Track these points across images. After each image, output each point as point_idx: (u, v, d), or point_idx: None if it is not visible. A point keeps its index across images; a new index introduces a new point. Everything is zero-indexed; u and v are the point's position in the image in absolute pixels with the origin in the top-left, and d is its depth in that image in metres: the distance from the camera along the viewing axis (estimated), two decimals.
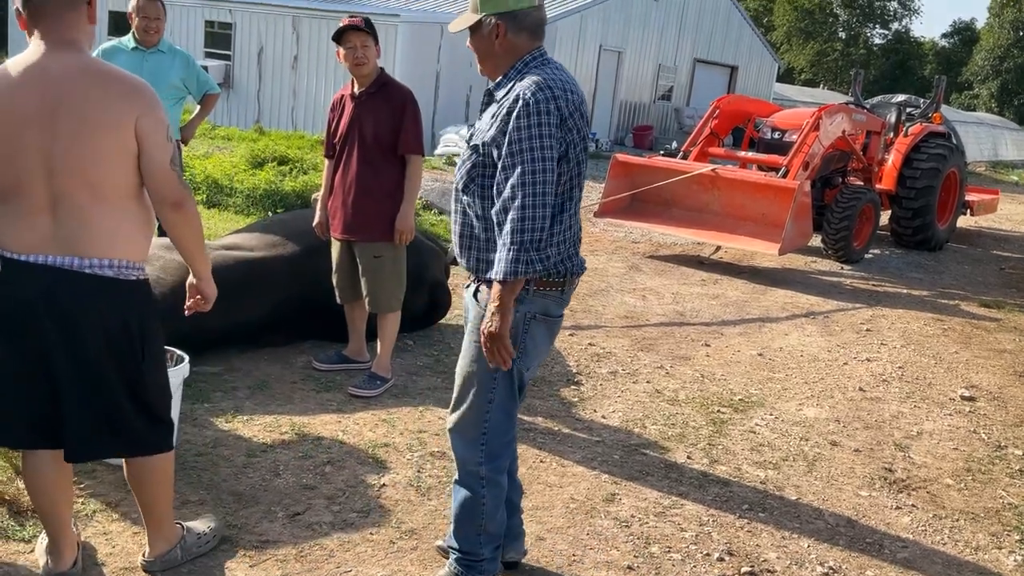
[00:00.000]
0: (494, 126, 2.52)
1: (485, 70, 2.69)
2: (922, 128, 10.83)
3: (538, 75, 2.52)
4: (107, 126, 2.38)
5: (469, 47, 2.67)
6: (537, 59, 2.60)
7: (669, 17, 22.67)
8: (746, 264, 9.04)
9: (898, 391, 5.45)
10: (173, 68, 5.36)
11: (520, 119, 2.45)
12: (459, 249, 2.70)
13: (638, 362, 5.53)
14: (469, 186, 2.61)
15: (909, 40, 56.91)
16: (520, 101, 2.46)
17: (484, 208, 2.58)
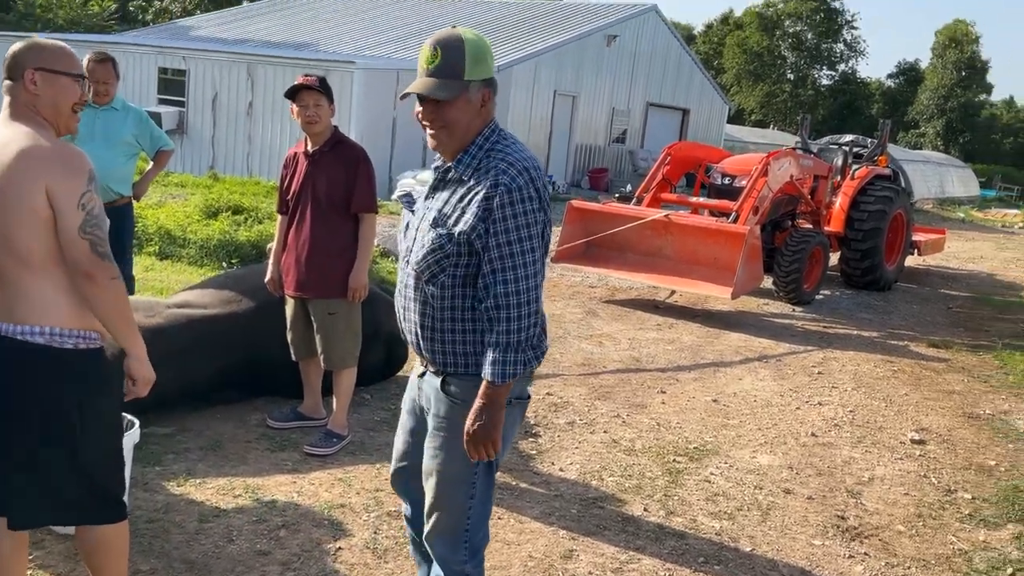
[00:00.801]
0: (470, 214, 2.33)
1: (449, 145, 2.41)
2: (868, 171, 11.11)
3: (509, 155, 2.37)
4: (21, 194, 2.39)
5: (427, 118, 2.39)
6: (496, 131, 2.44)
7: (622, 62, 23.10)
8: (700, 308, 9.16)
9: (849, 435, 5.53)
10: (126, 125, 5.35)
11: (506, 209, 2.30)
12: (420, 340, 2.49)
13: (595, 411, 5.56)
14: (438, 277, 2.40)
15: (856, 81, 58.41)
16: (503, 188, 2.30)
17: (457, 299, 2.41)
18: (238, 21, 28.06)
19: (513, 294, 2.32)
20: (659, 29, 24.42)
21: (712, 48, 60.17)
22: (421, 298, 2.46)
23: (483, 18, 24.75)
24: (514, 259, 2.32)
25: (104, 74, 5.25)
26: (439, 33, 2.40)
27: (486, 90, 2.40)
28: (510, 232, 2.31)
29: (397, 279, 2.60)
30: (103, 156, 5.28)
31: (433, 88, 2.36)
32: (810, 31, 55.01)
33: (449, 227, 2.37)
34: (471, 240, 2.34)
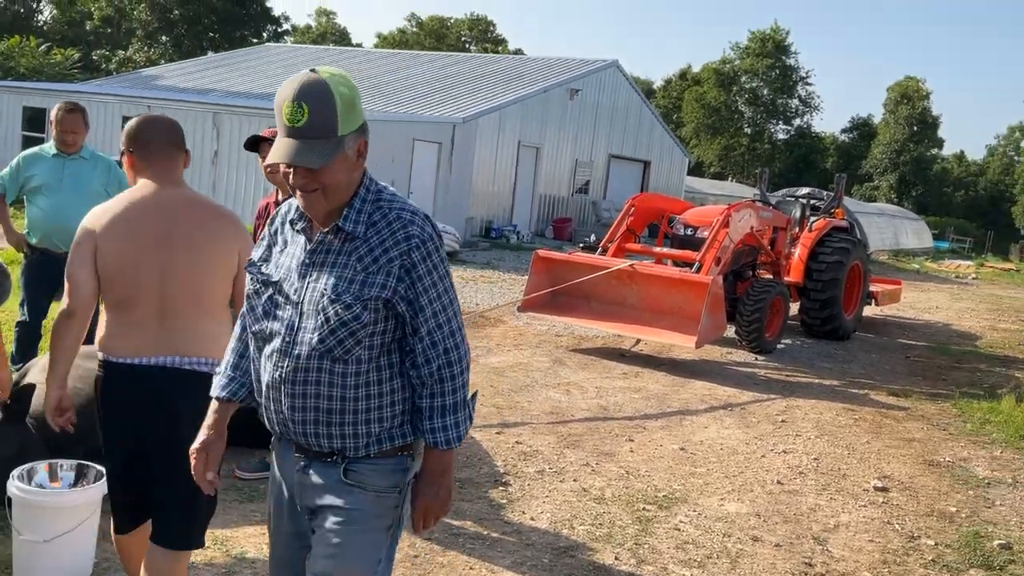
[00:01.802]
0: (384, 275, 2.09)
1: (326, 207, 2.11)
2: (826, 223, 11.39)
3: (404, 204, 2.17)
4: (221, 252, 2.91)
5: (299, 184, 2.08)
6: (373, 180, 2.21)
7: (584, 115, 23.50)
8: (665, 356, 9.25)
9: (814, 483, 5.61)
10: (95, 174, 5.35)
11: (427, 263, 2.12)
12: (316, 428, 2.17)
13: (564, 460, 5.59)
14: (353, 351, 2.11)
15: (811, 135, 59.90)
16: (417, 241, 2.10)
17: (373, 372, 2.15)
18: (203, 71, 28.16)
19: (453, 350, 2.17)
20: (620, 84, 24.93)
21: (671, 102, 61.45)
22: (327, 380, 2.14)
23: (448, 71, 25.10)
24: (447, 314, 2.16)
25: (73, 124, 5.27)
26: (300, 83, 2.03)
27: (361, 139, 2.13)
28: (437, 286, 2.14)
29: (261, 369, 2.23)
30: (71, 205, 5.28)
31: (304, 155, 2.03)
32: (766, 87, 56.45)
33: (359, 294, 2.09)
34: (392, 304, 2.10)
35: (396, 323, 2.15)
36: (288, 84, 2.05)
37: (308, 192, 2.08)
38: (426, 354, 2.15)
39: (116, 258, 2.83)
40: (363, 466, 2.19)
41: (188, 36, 44.26)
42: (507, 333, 9.64)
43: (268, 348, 2.20)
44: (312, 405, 2.16)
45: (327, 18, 67.13)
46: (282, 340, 2.16)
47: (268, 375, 2.21)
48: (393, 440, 2.20)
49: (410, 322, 2.14)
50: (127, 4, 44.26)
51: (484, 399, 6.82)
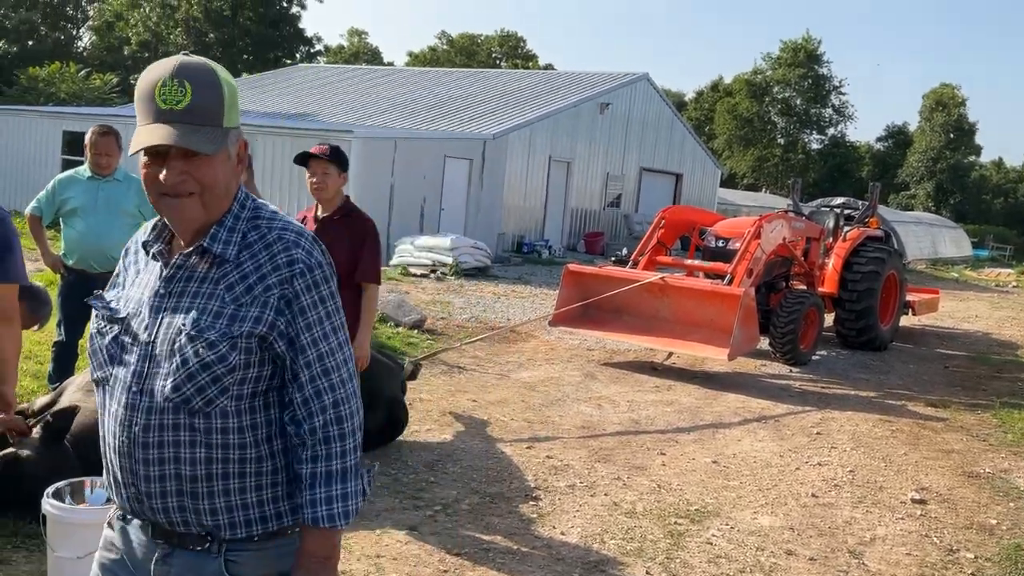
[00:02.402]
0: (259, 306, 1.71)
1: (201, 217, 1.74)
2: (860, 232, 11.27)
3: (287, 223, 1.81)
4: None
5: (174, 179, 1.69)
6: (248, 195, 1.84)
7: (615, 129, 23.51)
8: (698, 369, 9.19)
9: (850, 496, 5.54)
10: (128, 196, 5.46)
11: (313, 294, 1.75)
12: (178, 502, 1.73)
13: (595, 474, 5.57)
14: (216, 402, 1.71)
15: (845, 144, 59.32)
16: (302, 266, 1.74)
17: (247, 430, 1.74)
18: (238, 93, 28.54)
19: (343, 403, 1.76)
20: (651, 96, 24.91)
21: (703, 114, 61.22)
22: (186, 439, 1.72)
23: (479, 87, 25.25)
24: (335, 358, 1.77)
25: (106, 146, 5.39)
26: (179, 62, 1.70)
27: (242, 140, 1.81)
28: (324, 324, 1.75)
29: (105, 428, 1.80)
30: (105, 226, 5.39)
31: (190, 136, 1.66)
32: (799, 97, 56.05)
33: (227, 330, 1.70)
34: (269, 343, 1.72)
35: (274, 368, 1.75)
36: (160, 64, 1.70)
37: (181, 196, 1.70)
38: (308, 406, 1.74)
39: None
40: (247, 555, 1.76)
41: (223, 59, 44.95)
42: (538, 348, 9.64)
43: (112, 401, 1.78)
44: (172, 472, 1.71)
45: (359, 38, 67.86)
46: (129, 391, 1.74)
47: (113, 436, 1.77)
48: (282, 518, 1.79)
49: (290, 366, 1.75)
50: (163, 29, 45.10)
51: (515, 413, 6.82)
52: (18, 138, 20.30)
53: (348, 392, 1.78)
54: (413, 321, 9.72)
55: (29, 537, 3.77)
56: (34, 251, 5.78)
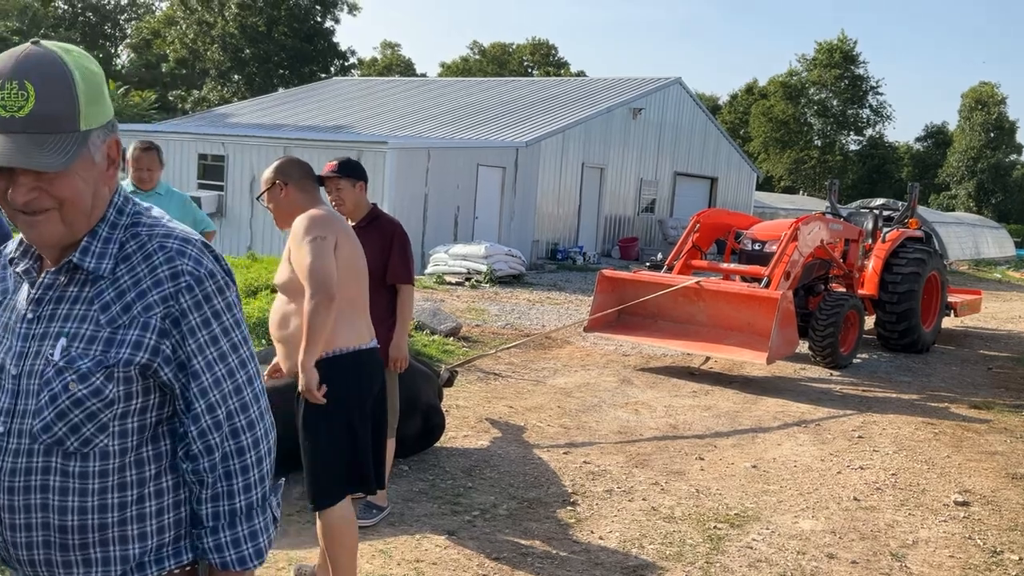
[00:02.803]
0: (138, 329, 1.48)
1: (66, 234, 1.50)
2: (899, 233, 11.13)
3: (170, 228, 1.57)
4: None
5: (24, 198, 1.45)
6: (128, 200, 1.60)
7: (648, 134, 23.45)
8: (736, 373, 9.13)
9: (892, 499, 5.47)
10: (169, 209, 5.55)
11: (203, 310, 1.52)
12: (48, 552, 1.51)
13: (633, 479, 5.56)
14: (94, 441, 1.49)
15: (884, 145, 58.56)
16: (189, 279, 1.51)
17: (131, 469, 1.52)
18: (274, 107, 28.94)
19: (244, 431, 1.55)
20: (684, 101, 24.82)
21: (738, 117, 60.81)
22: (58, 485, 1.49)
23: (511, 95, 25.33)
24: (234, 380, 1.55)
25: (149, 161, 5.50)
26: (19, 56, 1.42)
27: (111, 138, 1.53)
28: (220, 343, 1.54)
29: None
30: None
31: (32, 154, 1.40)
32: (835, 98, 55.47)
33: (102, 358, 1.47)
34: (153, 371, 1.50)
35: (163, 396, 1.54)
36: (2, 58, 1.43)
37: (37, 213, 1.45)
38: (205, 439, 1.53)
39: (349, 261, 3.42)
40: None
41: (259, 74, 45.57)
42: (573, 354, 9.64)
43: None
44: (40, 521, 1.49)
45: (392, 50, 68.39)
46: None
47: None
48: (164, 563, 1.57)
49: (181, 394, 1.53)
50: (200, 46, 45.82)
51: (551, 419, 6.83)
52: None
53: (252, 417, 1.56)
54: (449, 329, 9.77)
55: None
56: None
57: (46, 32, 41.68)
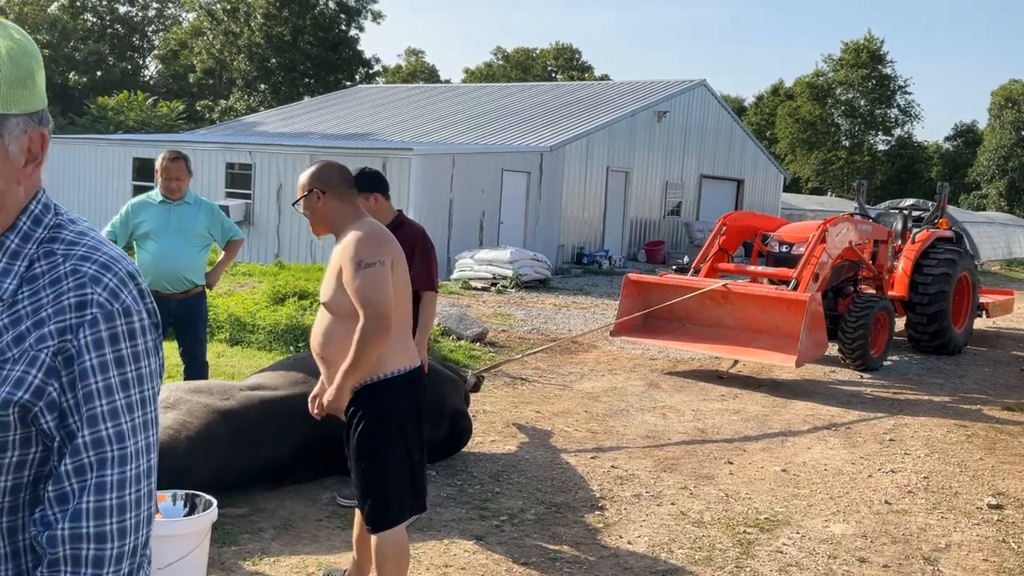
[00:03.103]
0: (26, 364, 1.22)
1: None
2: (929, 234, 11.00)
3: (94, 247, 1.30)
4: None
5: None
6: (52, 207, 1.33)
7: (673, 136, 23.38)
8: (765, 377, 9.07)
9: (924, 502, 5.41)
10: (198, 218, 5.63)
11: (104, 351, 1.24)
12: None
13: (662, 483, 5.53)
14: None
15: (913, 145, 57.96)
16: (97, 312, 1.24)
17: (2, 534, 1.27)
18: (300, 116, 29.17)
19: (112, 513, 1.23)
20: (709, 103, 24.73)
21: (764, 119, 60.46)
22: None
23: (535, 100, 25.35)
24: (120, 446, 1.24)
25: (177, 171, 5.57)
26: None
27: (36, 131, 1.28)
28: (113, 395, 1.24)
29: None
30: (178, 248, 5.57)
31: None
32: (862, 98, 55.01)
33: None
34: (34, 416, 1.23)
35: (47, 451, 1.26)
36: None
37: None
38: (64, 505, 1.22)
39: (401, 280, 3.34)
40: None
41: (285, 83, 45.95)
42: (600, 358, 9.62)
43: None
44: None
45: (416, 57, 68.72)
46: None
47: None
48: None
49: (57, 449, 1.24)
50: (227, 56, 46.28)
51: (578, 424, 6.82)
52: (90, 166, 21.03)
53: (128, 498, 1.24)
54: (475, 334, 9.79)
55: None
56: None
57: (76, 44, 42.33)
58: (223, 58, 46.62)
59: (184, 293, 5.64)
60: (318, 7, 46.07)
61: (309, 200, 3.42)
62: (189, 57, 48.35)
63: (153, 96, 38.40)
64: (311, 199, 3.42)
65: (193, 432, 4.42)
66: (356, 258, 3.18)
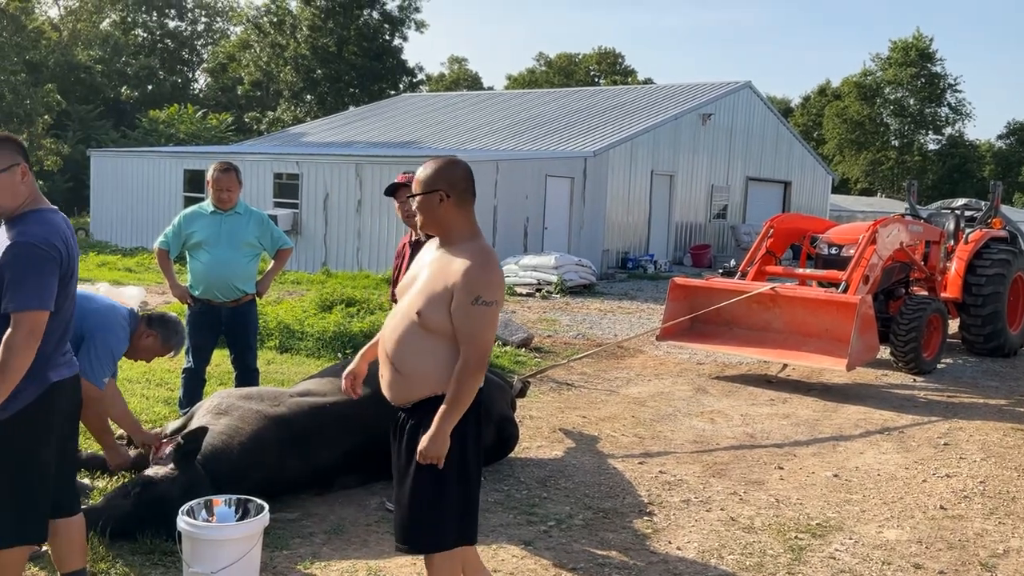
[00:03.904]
0: None
1: None
2: (982, 234, 10.77)
3: None
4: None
5: None
6: None
7: (718, 139, 23.20)
8: (815, 381, 8.95)
9: (981, 507, 5.29)
10: (248, 228, 5.73)
11: None
12: None
13: (711, 489, 5.49)
14: None
15: (964, 144, 56.80)
16: None
17: None
18: (345, 125, 29.49)
19: None
20: (754, 104, 24.50)
21: (811, 120, 59.72)
22: None
23: (578, 105, 25.33)
24: None
25: (228, 182, 5.67)
26: None
27: None
28: None
29: None
30: (229, 257, 5.67)
31: None
32: (912, 97, 54.07)
33: None
34: None
35: None
36: None
37: None
38: None
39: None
40: None
41: (331, 93, 46.44)
42: (646, 363, 9.57)
43: None
44: None
45: (459, 65, 69.08)
46: None
47: None
48: None
49: None
50: (274, 68, 46.93)
51: (625, 429, 6.79)
52: (142, 178, 21.48)
53: None
54: (520, 340, 9.80)
55: (166, 554, 3.97)
56: (162, 283, 6.11)
57: (127, 60, 43.26)
58: (270, 70, 47.30)
59: (235, 302, 5.73)
60: (362, 18, 46.53)
61: (430, 200, 3.08)
62: (237, 70, 49.15)
63: (203, 109, 39.09)
64: (432, 199, 3.09)
65: (245, 438, 4.50)
66: (475, 292, 2.96)
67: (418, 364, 3.08)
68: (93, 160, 22.89)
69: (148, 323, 4.63)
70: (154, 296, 12.37)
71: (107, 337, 4.31)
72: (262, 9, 48.02)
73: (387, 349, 3.16)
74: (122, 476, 4.87)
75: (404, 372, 3.11)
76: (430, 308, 3.03)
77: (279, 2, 47.15)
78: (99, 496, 4.50)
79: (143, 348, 4.65)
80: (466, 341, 2.98)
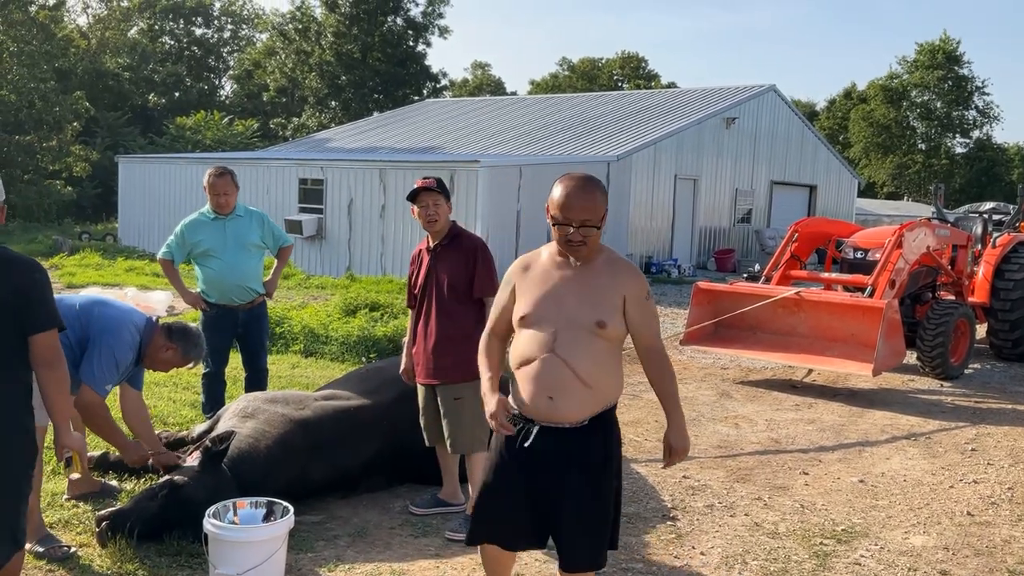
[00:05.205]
0: None
1: None
2: (1011, 238, 10.65)
3: None
4: None
5: None
6: None
7: (742, 143, 23.09)
8: (841, 386, 8.88)
9: (1009, 513, 5.23)
10: (252, 229, 5.82)
11: None
12: None
13: (735, 494, 5.46)
14: None
15: (992, 147, 56.11)
16: None
17: None
18: (370, 131, 29.64)
19: None
20: (779, 108, 24.36)
21: (836, 123, 59.28)
22: None
23: (601, 110, 25.32)
24: None
25: (224, 186, 5.75)
26: None
27: None
28: None
29: None
30: (239, 261, 5.74)
31: None
32: (939, 100, 53.53)
33: None
34: None
35: None
36: None
37: None
38: None
39: None
40: None
41: (355, 99, 46.67)
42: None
43: None
44: None
45: (482, 70, 69.23)
46: None
47: None
48: None
49: None
50: (299, 74, 47.26)
51: (648, 433, 6.78)
52: (170, 184, 21.68)
53: None
54: None
55: (192, 556, 4.01)
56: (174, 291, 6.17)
57: (155, 67, 43.73)
58: (295, 76, 47.63)
59: (250, 304, 5.81)
60: (386, 24, 46.76)
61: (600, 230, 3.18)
62: (262, 76, 49.54)
63: (229, 115, 39.45)
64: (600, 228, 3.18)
65: (271, 441, 4.54)
66: (645, 288, 3.25)
67: (603, 376, 3.16)
68: (121, 166, 23.15)
69: (168, 334, 4.48)
70: (180, 300, 12.47)
71: (112, 342, 4.19)
72: (287, 16, 48.42)
73: (582, 372, 3.10)
74: (150, 478, 4.93)
75: (595, 386, 3.13)
76: (613, 318, 3.16)
77: (304, 9, 47.49)
78: (127, 498, 4.56)
79: (162, 360, 4.50)
80: (655, 335, 3.25)
